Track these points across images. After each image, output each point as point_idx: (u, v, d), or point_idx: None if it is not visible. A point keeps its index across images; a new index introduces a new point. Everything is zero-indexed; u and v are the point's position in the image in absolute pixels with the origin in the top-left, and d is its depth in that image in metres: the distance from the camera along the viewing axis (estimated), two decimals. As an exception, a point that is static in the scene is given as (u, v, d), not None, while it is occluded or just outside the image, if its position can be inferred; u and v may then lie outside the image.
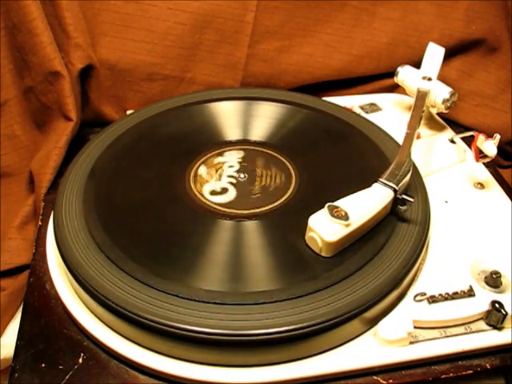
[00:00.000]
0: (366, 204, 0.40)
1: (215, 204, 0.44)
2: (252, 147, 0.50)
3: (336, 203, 0.39)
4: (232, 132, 0.52)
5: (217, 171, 0.47)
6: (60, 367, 0.35)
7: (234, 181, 0.46)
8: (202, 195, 0.45)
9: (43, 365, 0.35)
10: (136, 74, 0.60)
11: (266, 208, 0.43)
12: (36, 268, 0.42)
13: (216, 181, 0.46)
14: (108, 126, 0.52)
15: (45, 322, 0.38)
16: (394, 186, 0.41)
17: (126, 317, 0.35)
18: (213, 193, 0.45)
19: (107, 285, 0.36)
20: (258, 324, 0.34)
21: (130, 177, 0.46)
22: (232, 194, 0.45)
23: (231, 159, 0.49)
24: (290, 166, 0.48)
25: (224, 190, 0.45)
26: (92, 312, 0.38)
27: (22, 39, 0.53)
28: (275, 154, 0.49)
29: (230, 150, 0.50)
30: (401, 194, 0.41)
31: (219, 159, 0.49)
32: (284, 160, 0.49)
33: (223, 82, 0.62)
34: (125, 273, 0.37)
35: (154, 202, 0.44)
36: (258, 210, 0.43)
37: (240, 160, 0.49)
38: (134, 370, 0.35)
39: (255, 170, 0.48)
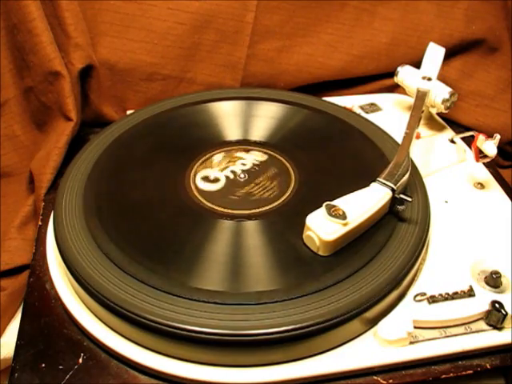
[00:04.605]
0: (363, 203, 0.40)
1: (213, 204, 0.44)
2: (252, 147, 0.50)
3: (334, 202, 0.39)
4: (232, 132, 0.52)
5: (226, 163, 0.47)
6: (60, 367, 0.35)
7: (231, 177, 0.46)
8: (197, 186, 0.45)
9: (43, 365, 0.35)
10: (136, 74, 0.60)
11: (266, 208, 0.43)
12: (36, 268, 0.42)
13: (214, 183, 0.46)
14: (108, 126, 0.52)
15: (45, 322, 0.38)
16: (392, 185, 0.41)
17: (126, 317, 0.35)
18: (204, 178, 0.46)
19: (107, 285, 0.36)
20: (258, 324, 0.34)
21: (130, 177, 0.46)
22: (219, 186, 0.45)
23: (231, 159, 0.49)
24: (289, 166, 0.48)
25: (215, 180, 0.45)
26: (92, 312, 0.38)
27: (22, 39, 0.53)
28: (275, 154, 0.49)
29: (230, 149, 0.50)
30: (399, 194, 0.41)
31: (219, 158, 0.49)
32: (284, 160, 0.49)
33: (223, 82, 0.62)
34: (125, 273, 0.37)
35: (154, 202, 0.44)
36: (257, 210, 0.43)
37: (251, 161, 0.49)
38: (134, 370, 0.35)
39: (258, 174, 0.47)
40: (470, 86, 0.62)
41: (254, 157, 0.49)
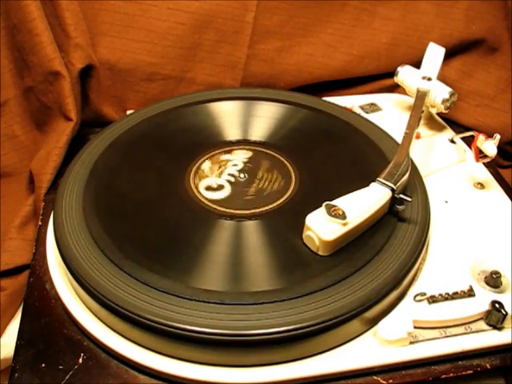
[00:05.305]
0: (363, 203, 0.40)
1: (212, 202, 0.44)
2: (252, 147, 0.50)
3: (333, 202, 0.39)
4: (232, 132, 0.52)
5: (218, 170, 0.47)
6: (60, 367, 0.35)
7: (232, 180, 0.46)
8: (202, 195, 0.45)
9: (43, 365, 0.35)
10: (136, 74, 0.60)
11: (266, 208, 0.43)
12: (36, 268, 0.42)
13: (215, 178, 0.46)
14: (108, 126, 0.52)
15: (45, 322, 0.38)
16: (391, 185, 0.41)
17: (126, 317, 0.35)
18: (208, 188, 0.45)
19: (107, 285, 0.36)
20: (257, 324, 0.34)
21: (130, 177, 0.46)
22: (227, 191, 0.45)
23: (231, 159, 0.49)
24: (289, 166, 0.48)
25: (220, 187, 0.45)
26: (92, 312, 0.38)
27: (22, 39, 0.53)
28: (275, 154, 0.49)
29: (230, 150, 0.50)
30: (398, 194, 0.41)
31: (221, 158, 0.49)
32: (284, 160, 0.49)
33: (223, 82, 0.62)
34: (125, 273, 0.37)
35: (154, 202, 0.44)
36: (258, 210, 0.43)
37: (240, 160, 0.49)
38: (134, 370, 0.35)
39: (255, 170, 0.48)
40: (470, 86, 0.62)
41: (253, 157, 0.49)
